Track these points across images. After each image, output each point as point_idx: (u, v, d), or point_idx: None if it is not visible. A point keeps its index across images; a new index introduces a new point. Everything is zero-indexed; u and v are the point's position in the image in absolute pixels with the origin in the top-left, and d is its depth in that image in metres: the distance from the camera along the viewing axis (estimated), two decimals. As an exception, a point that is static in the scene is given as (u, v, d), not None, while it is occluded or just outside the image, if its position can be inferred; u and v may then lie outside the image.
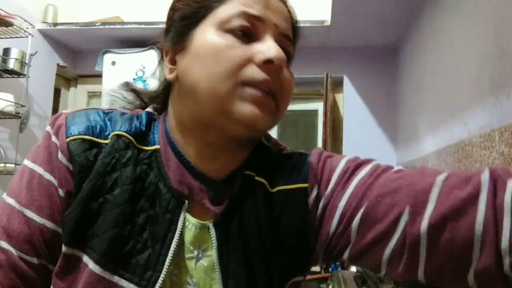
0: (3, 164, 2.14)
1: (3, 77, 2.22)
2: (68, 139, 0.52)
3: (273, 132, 2.93)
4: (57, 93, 2.85)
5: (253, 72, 0.50)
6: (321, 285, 1.95)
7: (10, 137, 2.30)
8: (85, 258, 0.49)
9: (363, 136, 2.62)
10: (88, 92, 3.01)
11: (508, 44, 1.10)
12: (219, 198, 0.54)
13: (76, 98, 3.02)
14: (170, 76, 0.55)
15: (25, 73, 2.25)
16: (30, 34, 2.23)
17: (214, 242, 0.52)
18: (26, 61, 2.25)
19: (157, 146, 0.55)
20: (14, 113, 2.17)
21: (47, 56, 2.66)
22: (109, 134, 0.53)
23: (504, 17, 1.13)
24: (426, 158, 1.88)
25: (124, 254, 0.49)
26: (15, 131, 2.28)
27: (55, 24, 2.57)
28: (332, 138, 2.55)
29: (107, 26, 2.51)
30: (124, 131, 0.53)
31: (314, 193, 0.55)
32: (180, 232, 0.51)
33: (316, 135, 2.88)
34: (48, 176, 0.52)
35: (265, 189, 0.56)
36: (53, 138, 0.53)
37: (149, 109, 0.59)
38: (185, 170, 0.54)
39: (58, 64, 2.75)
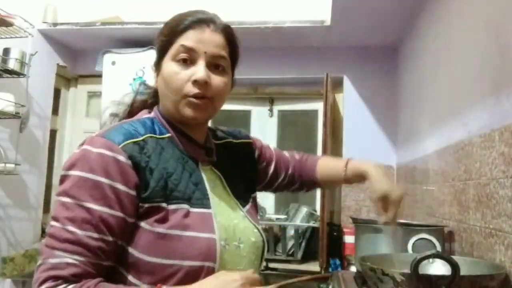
0: (3, 164, 2.14)
1: (3, 77, 2.22)
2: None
3: (273, 132, 2.93)
4: (57, 93, 2.85)
5: (189, 88, 0.82)
6: (321, 285, 1.95)
7: (10, 137, 2.30)
8: (171, 205, 0.78)
9: (363, 136, 2.62)
10: (88, 92, 3.01)
11: (508, 44, 1.10)
12: (209, 153, 0.92)
13: (76, 98, 3.02)
14: (156, 85, 0.90)
15: (25, 73, 2.25)
16: (30, 34, 2.23)
17: (219, 174, 0.92)
18: (26, 61, 2.25)
19: (169, 134, 0.86)
20: (14, 113, 2.17)
21: (47, 56, 2.66)
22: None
23: (504, 17, 1.13)
24: (426, 158, 1.88)
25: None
26: (15, 131, 2.28)
27: (55, 24, 2.57)
28: (332, 138, 2.55)
29: (107, 26, 2.52)
30: (150, 132, 0.84)
31: (255, 150, 1.08)
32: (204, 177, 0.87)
33: (316, 135, 2.88)
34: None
35: (231, 144, 1.02)
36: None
37: (150, 115, 0.89)
38: (191, 143, 0.88)
39: (58, 64, 2.75)
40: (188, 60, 0.82)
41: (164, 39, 0.85)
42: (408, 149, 2.29)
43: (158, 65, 0.87)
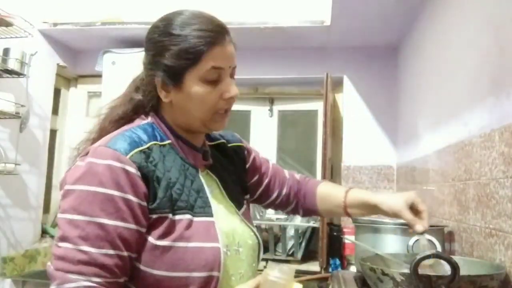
0: (3, 164, 2.14)
1: (3, 77, 2.22)
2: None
3: (273, 132, 2.93)
4: (57, 93, 2.85)
5: (222, 104, 0.83)
6: (321, 285, 1.96)
7: (10, 137, 2.30)
8: (176, 215, 0.76)
9: (363, 136, 2.62)
10: (88, 92, 3.01)
11: (508, 44, 1.10)
12: (205, 156, 0.91)
13: (76, 98, 3.02)
14: (165, 100, 0.84)
15: (25, 73, 2.25)
16: (30, 34, 2.22)
17: (215, 178, 0.91)
18: (26, 61, 2.25)
19: (169, 141, 0.84)
20: (14, 113, 2.17)
21: (47, 56, 2.66)
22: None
23: (504, 17, 1.13)
24: (426, 158, 1.88)
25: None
26: (15, 131, 2.28)
27: (55, 24, 2.57)
28: (332, 138, 2.55)
29: (107, 26, 2.51)
30: (153, 140, 0.82)
31: (246, 154, 1.05)
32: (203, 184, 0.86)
33: (316, 135, 2.88)
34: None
35: (225, 147, 1.00)
36: None
37: (149, 121, 0.86)
38: (190, 148, 0.87)
39: (58, 64, 2.75)
40: (218, 79, 0.81)
41: (185, 56, 0.78)
42: (408, 149, 2.29)
43: (176, 82, 0.81)
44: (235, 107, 0.88)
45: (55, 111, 2.83)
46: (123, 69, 2.53)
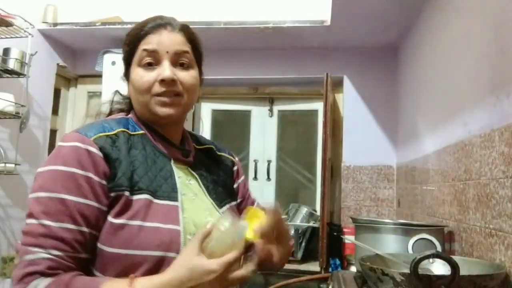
0: (3, 164, 2.14)
1: (3, 77, 2.22)
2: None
3: (273, 132, 2.93)
4: (57, 93, 2.85)
5: (157, 88, 0.85)
6: (321, 285, 1.96)
7: (10, 137, 2.30)
8: (134, 195, 0.79)
9: (363, 136, 2.62)
10: (88, 92, 3.01)
11: (508, 44, 1.10)
12: (185, 154, 0.94)
13: (76, 98, 3.02)
14: (126, 94, 0.94)
15: (25, 73, 2.25)
16: (30, 34, 2.23)
17: (195, 174, 0.93)
18: (26, 61, 2.25)
19: (142, 131, 0.88)
20: (14, 113, 2.17)
21: (47, 56, 2.66)
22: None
23: (504, 17, 1.13)
24: (426, 158, 1.88)
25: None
26: (15, 131, 2.28)
27: (55, 24, 2.57)
28: (332, 138, 2.55)
29: (107, 26, 2.52)
30: (123, 128, 0.87)
31: (235, 169, 1.06)
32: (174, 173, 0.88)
33: (316, 135, 2.88)
34: None
35: (212, 152, 1.03)
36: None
37: (126, 115, 0.92)
38: (165, 142, 0.90)
39: (58, 64, 2.75)
40: (153, 62, 0.86)
41: (127, 48, 0.89)
42: (408, 149, 2.29)
43: (127, 74, 0.91)
44: (235, 107, 0.87)
45: (55, 111, 2.83)
46: (123, 69, 2.53)
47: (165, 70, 0.85)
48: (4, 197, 2.30)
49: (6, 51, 2.19)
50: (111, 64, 2.56)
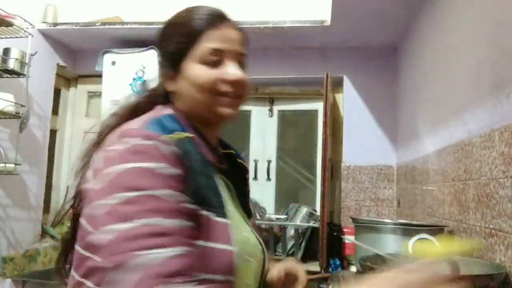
0: (3, 164, 2.14)
1: (3, 77, 2.22)
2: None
3: (273, 132, 2.93)
4: (57, 93, 2.85)
5: (225, 88, 0.80)
6: (321, 285, 1.95)
7: (10, 137, 2.30)
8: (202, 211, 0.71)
9: (363, 136, 2.62)
10: (88, 92, 3.01)
11: (508, 44, 1.10)
12: (221, 160, 0.87)
13: (76, 98, 3.02)
14: (171, 89, 0.84)
15: (25, 73, 2.25)
16: (30, 34, 2.22)
17: (229, 184, 0.86)
18: (26, 61, 2.25)
19: (189, 134, 0.77)
20: (14, 113, 2.17)
21: (47, 56, 2.66)
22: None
23: (504, 17, 1.13)
24: (426, 158, 1.88)
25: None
26: (15, 131, 2.28)
27: (55, 24, 2.57)
28: (332, 138, 2.55)
29: (107, 26, 2.51)
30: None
31: (247, 177, 1.01)
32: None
33: (316, 135, 2.87)
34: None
35: (233, 158, 0.96)
36: None
37: (168, 112, 0.81)
38: (208, 146, 0.82)
39: (58, 64, 2.75)
40: (219, 61, 0.80)
41: (182, 40, 0.80)
42: (408, 149, 2.29)
43: (176, 68, 0.81)
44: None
45: (55, 111, 2.83)
46: (123, 69, 2.53)
47: (235, 70, 0.80)
48: (4, 197, 2.30)
49: (6, 51, 2.19)
50: (111, 64, 2.56)
